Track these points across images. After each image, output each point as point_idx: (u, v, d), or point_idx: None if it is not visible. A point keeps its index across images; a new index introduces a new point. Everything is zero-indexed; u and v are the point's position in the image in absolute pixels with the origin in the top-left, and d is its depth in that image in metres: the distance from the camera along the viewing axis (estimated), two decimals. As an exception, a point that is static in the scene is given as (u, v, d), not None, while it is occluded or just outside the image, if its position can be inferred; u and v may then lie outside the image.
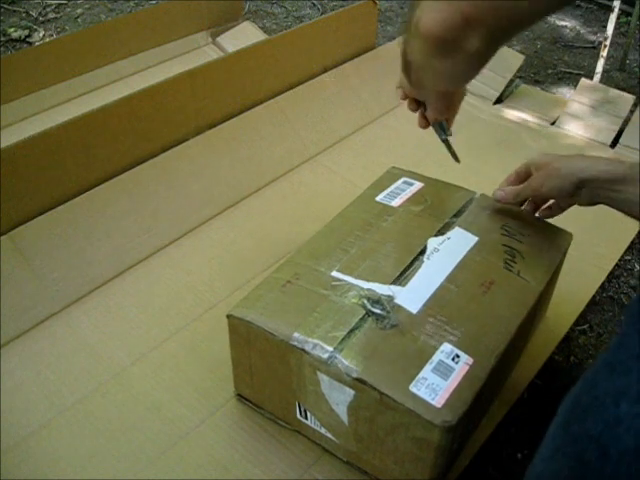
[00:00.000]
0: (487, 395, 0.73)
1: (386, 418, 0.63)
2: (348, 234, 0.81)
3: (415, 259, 0.76)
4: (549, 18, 2.15)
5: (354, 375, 0.63)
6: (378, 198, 0.87)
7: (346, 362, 0.64)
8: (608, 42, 1.51)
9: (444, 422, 0.59)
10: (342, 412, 0.67)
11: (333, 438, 0.72)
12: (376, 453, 0.68)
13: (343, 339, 0.66)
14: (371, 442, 0.67)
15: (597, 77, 1.55)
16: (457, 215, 0.84)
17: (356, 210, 0.86)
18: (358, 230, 0.81)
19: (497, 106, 1.48)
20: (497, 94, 1.49)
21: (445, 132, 0.79)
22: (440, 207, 0.85)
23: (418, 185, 0.90)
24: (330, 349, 0.65)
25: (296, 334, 0.67)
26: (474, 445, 0.77)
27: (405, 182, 0.90)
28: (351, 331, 0.67)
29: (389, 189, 0.89)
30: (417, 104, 0.77)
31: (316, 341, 0.66)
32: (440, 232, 0.81)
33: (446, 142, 0.81)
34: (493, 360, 0.66)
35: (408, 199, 0.87)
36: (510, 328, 0.70)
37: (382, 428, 0.65)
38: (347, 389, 0.64)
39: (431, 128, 0.79)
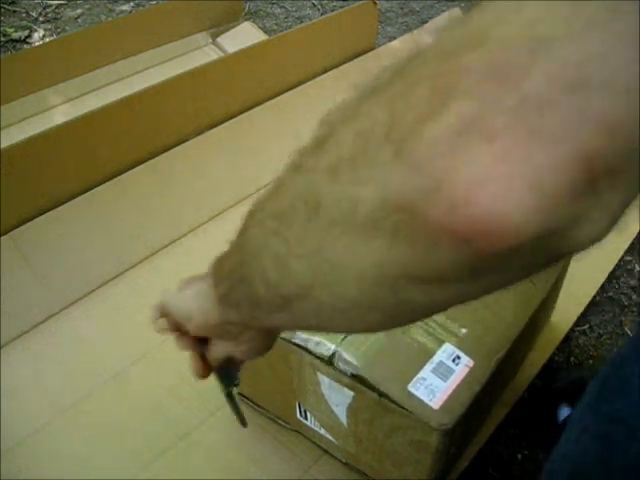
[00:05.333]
0: (487, 399, 0.73)
1: (384, 420, 0.63)
2: None
3: None
4: (549, 18, 2.15)
5: (354, 372, 0.63)
6: None
7: (347, 359, 0.64)
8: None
9: (441, 425, 0.59)
10: (341, 413, 0.67)
11: (332, 439, 0.72)
12: (375, 455, 0.68)
13: (346, 336, 0.66)
14: (370, 444, 0.67)
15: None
16: None
17: None
18: None
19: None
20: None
21: (232, 380, 0.52)
22: None
23: None
24: (332, 346, 0.65)
25: (299, 332, 0.67)
26: (474, 446, 0.77)
27: None
28: (352, 330, 0.67)
29: None
30: (198, 344, 0.46)
31: (318, 339, 0.66)
32: None
33: (229, 397, 0.54)
34: (493, 364, 0.66)
35: None
36: (513, 331, 0.70)
37: (381, 430, 0.65)
38: (346, 390, 0.64)
39: None
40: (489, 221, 0.20)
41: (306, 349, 0.66)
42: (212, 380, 0.83)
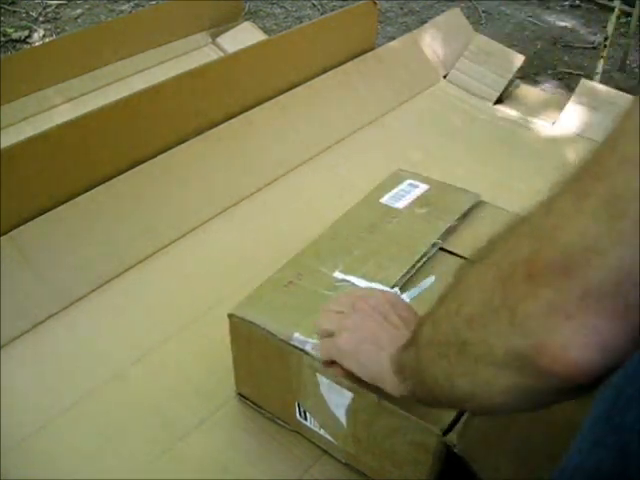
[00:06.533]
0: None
1: (384, 422, 0.63)
2: (352, 235, 0.81)
3: (419, 262, 0.76)
4: (549, 18, 2.15)
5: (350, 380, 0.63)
6: (383, 200, 0.87)
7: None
8: (608, 42, 1.51)
9: (441, 427, 0.59)
10: (341, 414, 0.67)
11: (332, 440, 0.72)
12: (374, 456, 0.68)
13: None
14: (369, 445, 0.67)
15: (597, 77, 1.56)
16: (461, 218, 0.83)
17: (360, 211, 0.86)
18: (362, 231, 0.81)
19: (497, 106, 1.48)
20: (497, 94, 1.49)
21: None
22: (445, 210, 0.85)
23: (423, 187, 0.89)
24: None
25: (296, 334, 0.67)
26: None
27: (410, 184, 0.90)
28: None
29: (394, 191, 0.88)
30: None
31: (316, 341, 0.66)
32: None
33: None
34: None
35: (413, 201, 0.86)
36: None
37: (380, 431, 0.65)
38: (346, 392, 0.64)
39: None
40: (573, 370, 0.32)
41: (303, 351, 0.66)
42: (212, 380, 0.84)
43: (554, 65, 1.82)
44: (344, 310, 0.62)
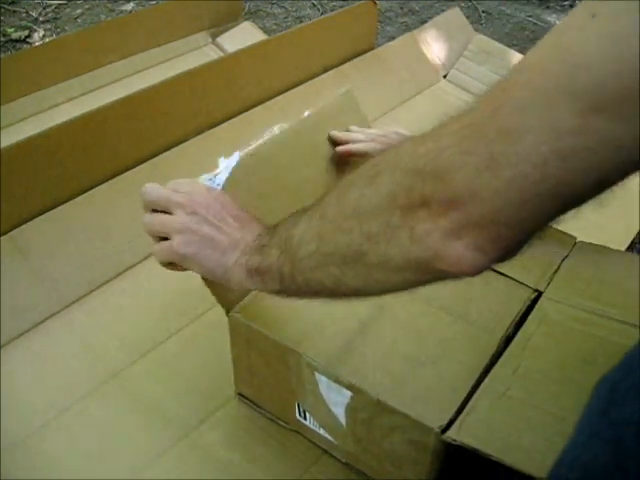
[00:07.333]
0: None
1: (383, 420, 0.63)
2: None
3: None
4: (549, 18, 2.15)
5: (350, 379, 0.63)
6: None
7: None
8: (608, 42, 1.51)
9: (440, 426, 0.59)
10: (340, 413, 0.67)
11: (332, 439, 0.72)
12: (374, 455, 0.68)
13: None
14: (369, 444, 0.67)
15: (597, 77, 1.55)
16: None
17: None
18: None
19: (497, 106, 1.48)
20: (497, 94, 1.48)
21: None
22: None
23: None
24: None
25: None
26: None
27: None
28: (350, 331, 0.67)
29: None
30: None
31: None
32: None
33: None
34: (488, 360, 0.66)
35: None
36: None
37: (379, 430, 0.65)
38: (344, 390, 0.65)
39: None
40: (466, 271, 0.42)
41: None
42: (212, 380, 0.84)
43: (554, 65, 1.81)
44: (172, 210, 0.62)
